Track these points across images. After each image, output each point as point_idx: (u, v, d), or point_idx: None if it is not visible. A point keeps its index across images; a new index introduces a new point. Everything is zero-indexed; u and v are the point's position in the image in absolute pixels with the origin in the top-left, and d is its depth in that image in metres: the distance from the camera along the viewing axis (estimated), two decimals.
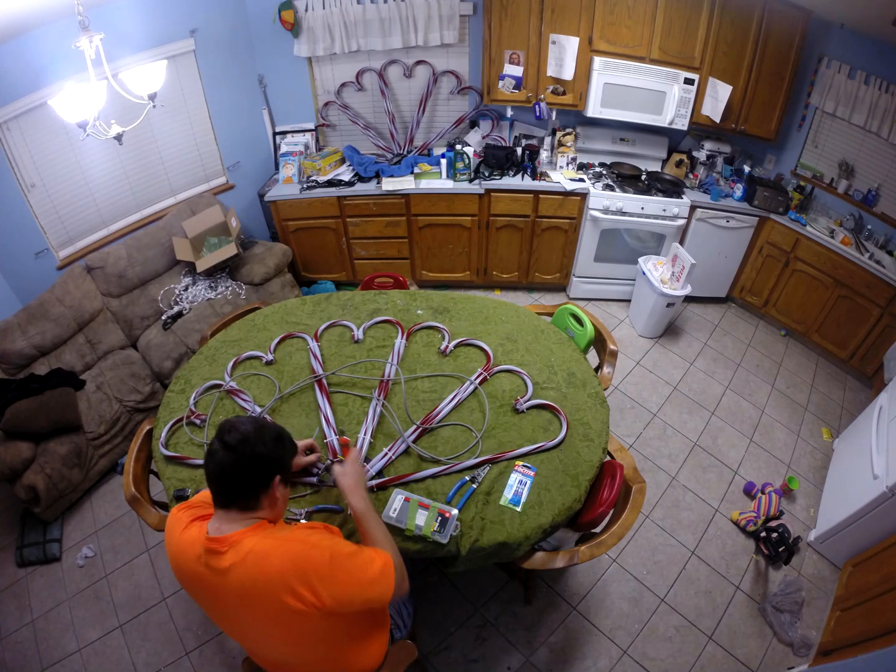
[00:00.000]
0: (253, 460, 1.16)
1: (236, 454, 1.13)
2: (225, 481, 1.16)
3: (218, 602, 1.22)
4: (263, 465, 1.18)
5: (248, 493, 1.17)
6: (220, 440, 1.15)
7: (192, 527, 1.21)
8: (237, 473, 1.15)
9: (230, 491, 1.16)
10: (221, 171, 3.91)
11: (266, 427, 1.22)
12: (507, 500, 1.67)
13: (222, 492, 1.17)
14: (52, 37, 2.65)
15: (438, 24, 3.50)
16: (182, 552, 1.19)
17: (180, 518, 1.24)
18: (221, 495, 1.17)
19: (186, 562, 1.18)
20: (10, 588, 2.48)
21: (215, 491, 1.18)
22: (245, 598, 1.15)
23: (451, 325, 2.33)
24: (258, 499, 1.18)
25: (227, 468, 1.14)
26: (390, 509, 1.59)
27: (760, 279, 3.83)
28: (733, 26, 3.21)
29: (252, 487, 1.17)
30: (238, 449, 1.13)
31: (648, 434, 3.11)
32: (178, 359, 3.07)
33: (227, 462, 1.13)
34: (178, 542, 1.21)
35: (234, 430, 1.15)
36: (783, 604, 2.29)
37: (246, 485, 1.17)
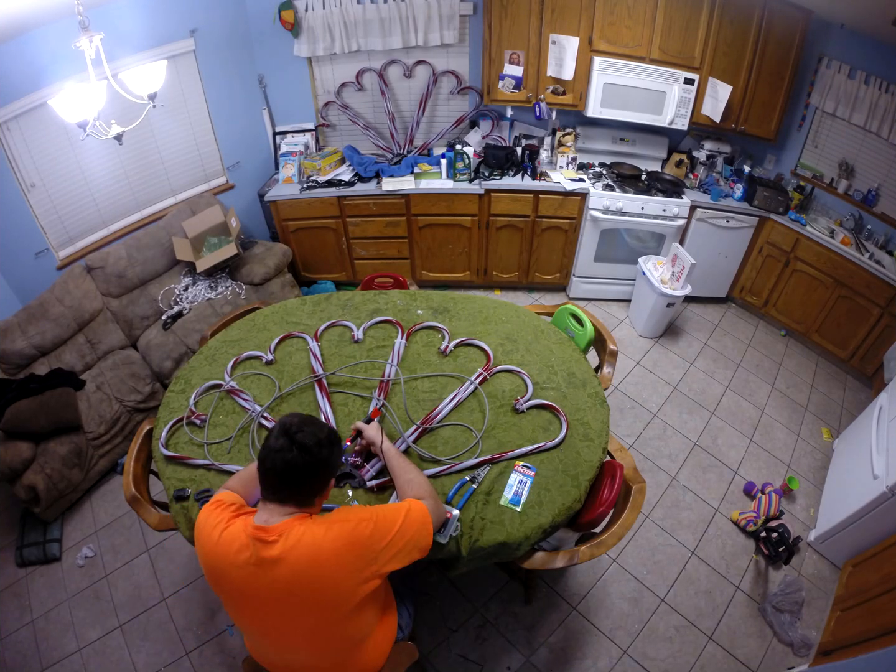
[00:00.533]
0: (323, 465, 1.20)
1: (310, 457, 1.16)
2: (292, 480, 1.18)
3: (256, 597, 1.21)
4: (329, 470, 1.24)
5: (309, 493, 1.22)
6: (291, 439, 1.16)
7: (235, 523, 1.21)
8: (307, 475, 1.18)
9: (294, 489, 1.19)
10: (221, 171, 3.91)
11: (330, 431, 1.25)
12: (507, 500, 1.67)
13: (284, 488, 1.19)
14: (52, 37, 2.65)
15: (438, 24, 3.50)
16: (222, 549, 1.19)
17: (220, 516, 1.24)
18: (282, 491, 1.19)
19: (227, 556, 1.18)
20: (10, 588, 2.48)
21: (275, 486, 1.19)
22: (294, 587, 1.16)
23: (451, 325, 2.33)
24: (314, 498, 1.23)
25: (301, 469, 1.16)
26: None
27: (760, 279, 3.83)
28: (733, 26, 3.21)
29: (315, 488, 1.22)
30: (313, 452, 1.16)
31: (648, 434, 3.11)
32: (178, 359, 3.07)
33: (300, 463, 1.16)
34: (217, 539, 1.20)
35: (306, 430, 1.18)
36: (783, 604, 2.29)
37: (311, 486, 1.21)
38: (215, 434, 1.88)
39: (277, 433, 1.18)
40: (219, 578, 1.23)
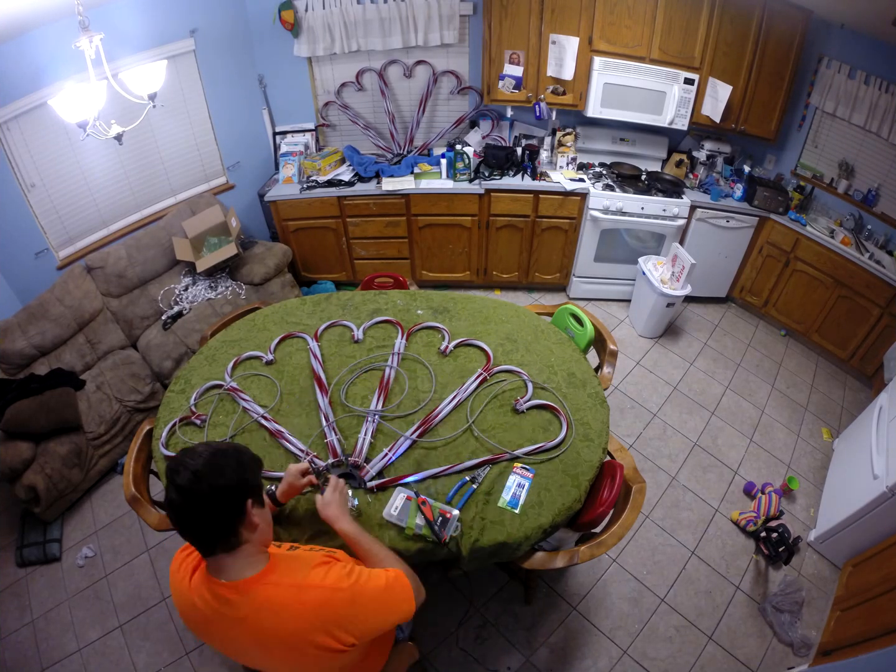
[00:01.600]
0: (213, 496, 1.01)
1: (192, 495, 0.99)
2: (193, 528, 1.03)
3: (234, 643, 1.15)
4: (227, 497, 1.03)
5: (222, 532, 1.04)
6: (172, 483, 1.00)
7: (198, 574, 1.13)
8: (200, 515, 1.01)
9: (203, 536, 1.04)
10: (221, 171, 3.92)
11: (220, 453, 1.06)
12: (506, 502, 1.67)
13: (196, 540, 1.05)
14: (52, 37, 2.65)
15: (438, 24, 3.50)
16: (190, 601, 1.12)
17: (186, 563, 1.16)
18: (199, 544, 1.06)
19: (199, 610, 1.10)
20: (10, 588, 2.48)
21: (190, 540, 1.05)
22: (264, 644, 1.09)
23: (451, 325, 2.33)
24: (237, 532, 1.05)
25: (189, 513, 1.01)
26: (391, 507, 1.59)
27: (760, 279, 3.83)
28: (733, 26, 3.21)
29: (224, 524, 1.04)
30: (193, 489, 0.99)
31: (648, 434, 3.11)
32: (178, 359, 3.07)
33: (184, 507, 1.00)
34: (186, 590, 1.13)
35: (181, 468, 1.00)
36: (783, 604, 2.29)
37: (216, 524, 1.03)
38: (215, 434, 1.88)
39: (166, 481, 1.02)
40: (195, 630, 1.19)
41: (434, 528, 1.51)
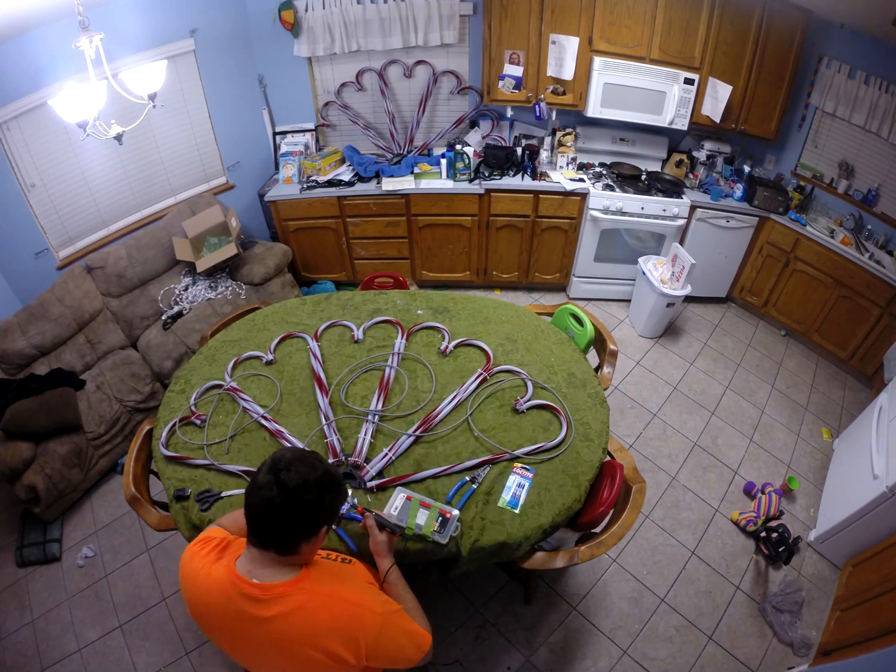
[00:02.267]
0: (308, 508, 1.05)
1: (291, 498, 1.02)
2: (271, 522, 1.05)
3: (245, 646, 1.14)
4: (316, 515, 1.08)
5: (293, 540, 1.07)
6: (276, 476, 1.03)
7: (218, 566, 1.12)
8: (287, 518, 1.04)
9: (273, 533, 1.06)
10: (221, 171, 3.91)
11: (325, 472, 1.09)
12: (506, 502, 1.67)
13: (263, 531, 1.07)
14: (52, 37, 2.65)
15: (438, 24, 3.49)
16: (209, 594, 1.11)
17: (203, 558, 1.15)
18: (261, 535, 1.07)
19: (215, 604, 1.10)
20: (10, 588, 2.48)
21: (255, 527, 1.07)
22: (281, 647, 1.09)
23: (451, 325, 2.33)
24: (299, 546, 1.08)
25: (279, 510, 1.03)
26: (391, 507, 1.59)
27: (760, 279, 3.83)
28: (733, 26, 3.21)
29: (298, 534, 1.07)
30: (296, 493, 1.03)
31: (648, 434, 3.11)
32: (178, 359, 3.07)
33: (279, 503, 1.02)
34: (203, 584, 1.12)
35: (293, 468, 1.04)
36: (783, 604, 2.29)
37: (293, 531, 1.06)
38: (215, 434, 1.88)
39: (266, 468, 1.06)
40: (204, 624, 1.17)
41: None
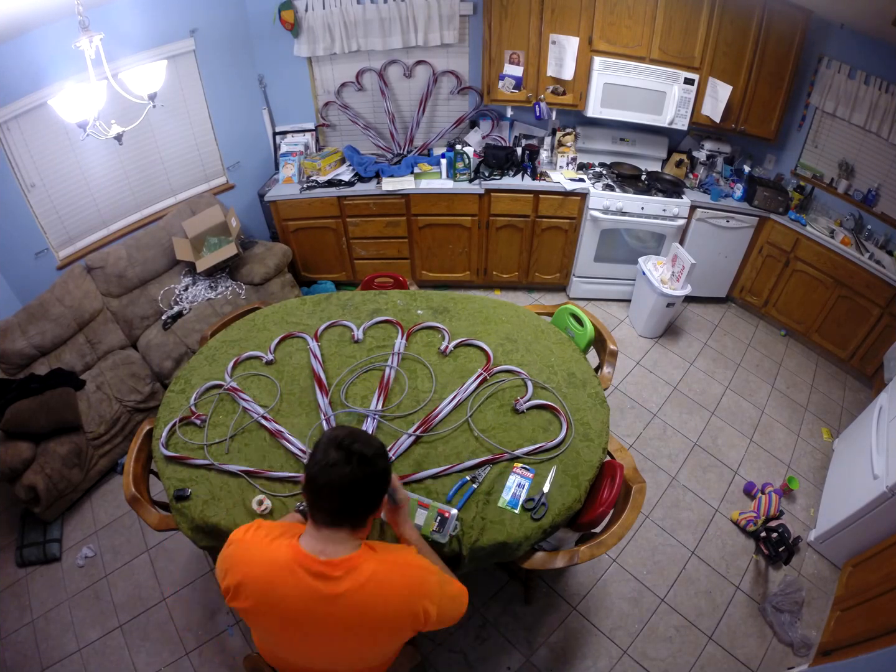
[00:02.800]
0: (383, 476, 1.10)
1: (371, 468, 1.05)
2: (352, 497, 1.06)
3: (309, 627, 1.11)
4: (383, 486, 1.12)
5: (366, 511, 1.10)
6: (348, 450, 1.03)
7: (278, 546, 1.10)
8: (370, 489, 1.07)
9: (353, 508, 1.07)
10: (221, 171, 3.91)
11: (379, 441, 1.14)
12: (506, 502, 1.67)
13: (343, 508, 1.07)
14: (52, 37, 2.65)
15: (438, 24, 3.49)
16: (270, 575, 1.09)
17: (258, 538, 1.14)
18: (340, 512, 1.07)
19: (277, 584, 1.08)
20: (10, 588, 2.48)
21: (332, 506, 1.06)
22: (352, 622, 1.09)
23: (451, 325, 2.33)
24: (368, 518, 1.12)
25: (362, 482, 1.04)
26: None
27: (760, 279, 3.83)
28: (733, 26, 3.21)
29: (373, 505, 1.11)
30: (373, 462, 1.05)
31: (648, 434, 3.11)
32: (178, 359, 3.07)
33: (361, 476, 1.03)
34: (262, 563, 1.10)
35: (359, 441, 1.06)
36: (783, 604, 2.29)
37: (371, 502, 1.10)
38: (215, 434, 1.88)
39: (327, 446, 1.05)
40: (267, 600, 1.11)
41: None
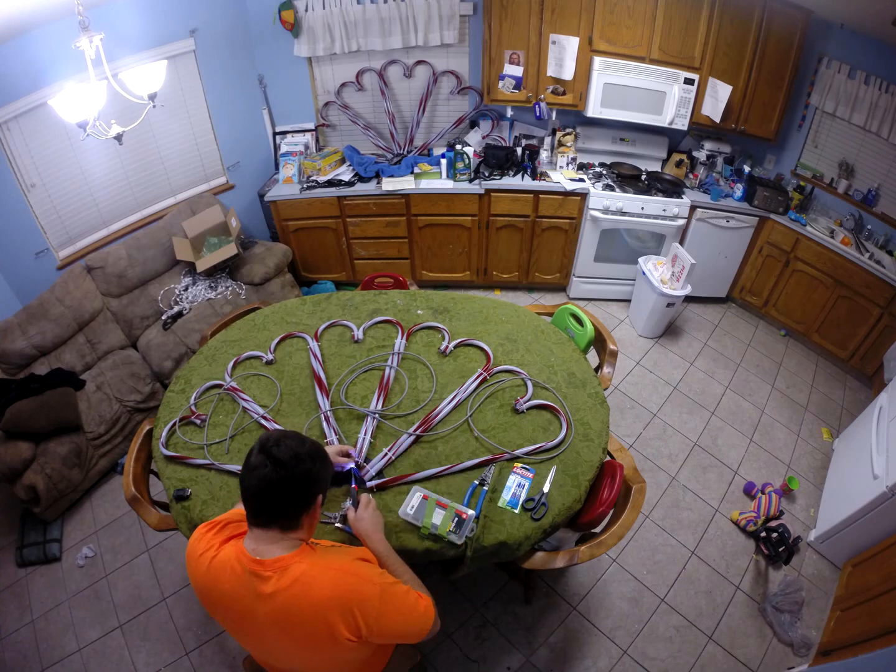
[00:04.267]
0: (303, 479, 1.10)
1: (287, 471, 1.06)
2: (270, 499, 1.08)
3: (250, 625, 1.16)
4: (312, 484, 1.12)
5: (293, 513, 1.11)
6: (268, 454, 1.06)
7: (227, 547, 1.15)
8: (286, 492, 1.08)
9: (274, 509, 1.10)
10: (221, 171, 3.91)
11: (312, 443, 1.15)
12: (506, 502, 1.67)
13: (264, 510, 1.10)
14: (52, 37, 2.65)
15: (438, 24, 3.49)
16: (215, 575, 1.13)
17: (210, 540, 1.18)
18: (262, 514, 1.10)
19: (221, 584, 1.13)
20: (10, 588, 2.48)
21: (255, 508, 1.10)
22: (282, 623, 1.11)
23: (451, 325, 2.33)
24: (300, 518, 1.13)
25: (276, 485, 1.07)
26: (408, 506, 1.60)
27: (760, 279, 3.83)
28: (733, 26, 3.21)
29: (298, 507, 1.12)
30: (290, 465, 1.07)
31: (648, 434, 3.11)
32: (178, 359, 3.07)
33: (275, 479, 1.06)
34: (209, 565, 1.14)
35: (282, 444, 1.08)
36: (783, 604, 2.29)
37: (293, 504, 1.11)
38: (215, 434, 1.88)
39: (256, 450, 1.09)
40: (211, 605, 1.19)
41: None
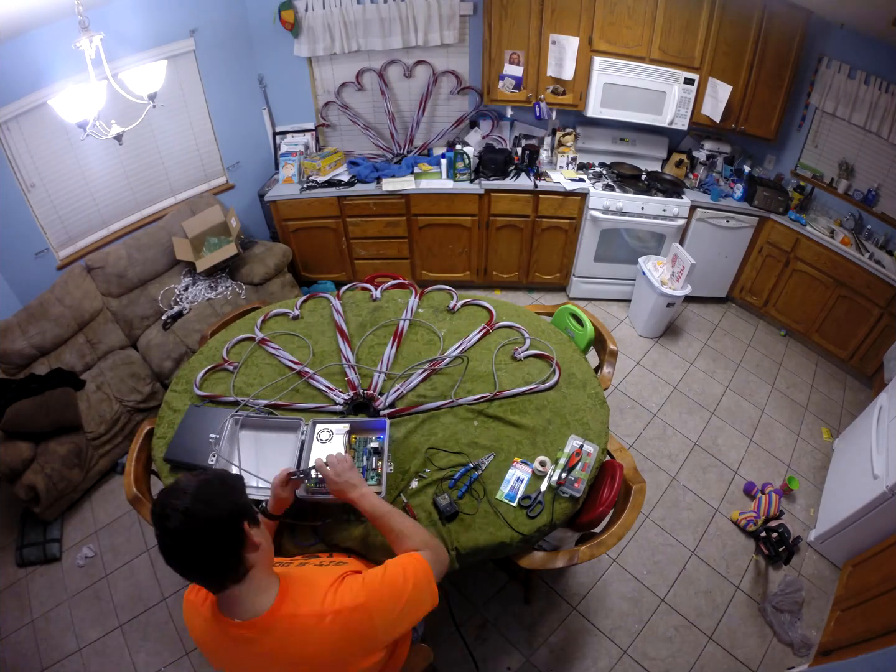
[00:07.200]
0: (210, 531, 0.96)
1: (188, 536, 0.94)
2: (197, 567, 0.98)
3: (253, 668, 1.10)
4: (224, 527, 0.98)
5: (228, 563, 0.99)
6: (165, 531, 0.94)
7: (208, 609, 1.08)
8: (202, 553, 0.96)
9: (210, 573, 0.99)
10: (221, 171, 3.91)
11: (205, 483, 1.00)
12: (504, 494, 1.68)
13: (204, 579, 1.01)
14: (52, 37, 2.65)
15: (438, 24, 3.49)
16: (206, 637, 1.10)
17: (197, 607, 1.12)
18: (206, 582, 1.02)
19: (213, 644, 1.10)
20: (10, 588, 2.48)
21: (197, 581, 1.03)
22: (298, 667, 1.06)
23: (450, 325, 2.34)
24: (242, 558, 1.00)
25: (189, 555, 0.96)
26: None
27: (760, 279, 3.83)
28: (733, 26, 3.21)
29: (228, 555, 0.99)
30: (188, 530, 0.94)
31: (648, 434, 3.11)
32: (178, 359, 3.07)
33: (183, 550, 0.95)
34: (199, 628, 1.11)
35: (170, 511, 0.94)
36: (783, 604, 2.29)
37: (220, 557, 0.98)
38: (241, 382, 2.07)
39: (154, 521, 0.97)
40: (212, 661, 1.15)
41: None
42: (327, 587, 1.08)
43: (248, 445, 1.74)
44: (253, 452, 1.72)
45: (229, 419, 1.75)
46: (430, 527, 1.57)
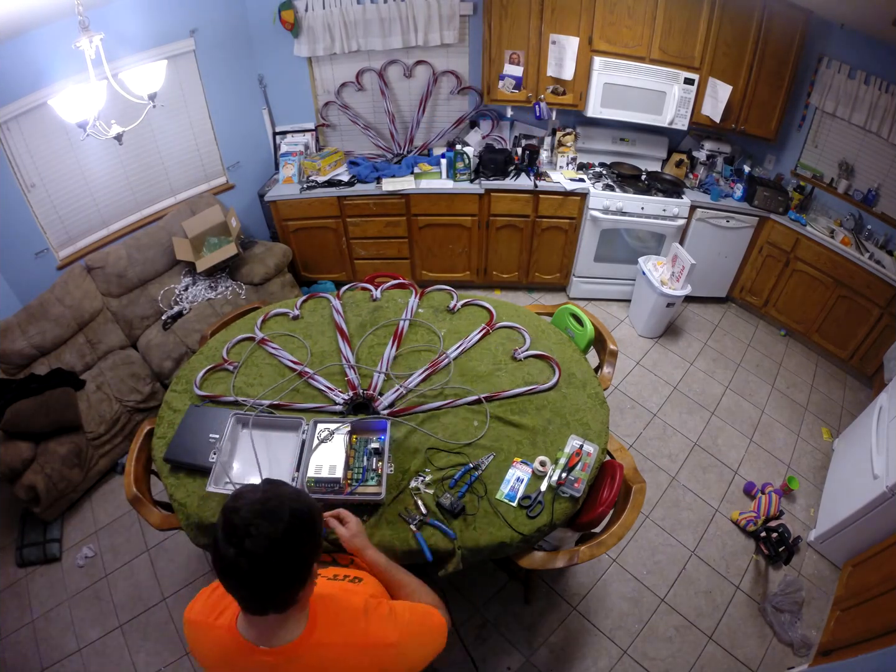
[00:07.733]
0: (291, 564, 0.90)
1: (266, 567, 0.87)
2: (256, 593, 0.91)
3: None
4: (301, 567, 0.93)
5: (287, 598, 0.93)
6: (240, 547, 0.86)
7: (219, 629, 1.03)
8: (272, 583, 0.89)
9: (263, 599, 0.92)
10: (221, 171, 3.91)
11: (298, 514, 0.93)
12: (504, 494, 1.68)
13: (251, 603, 0.93)
14: (52, 37, 2.65)
15: (438, 24, 3.49)
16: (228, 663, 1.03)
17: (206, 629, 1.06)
18: (250, 606, 0.94)
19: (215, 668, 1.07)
20: (10, 588, 2.48)
21: (241, 598, 0.93)
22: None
23: (450, 325, 2.35)
24: (296, 595, 0.94)
25: (259, 581, 0.88)
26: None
27: (760, 279, 3.83)
28: (733, 26, 3.21)
29: (290, 590, 0.93)
30: (268, 561, 0.87)
31: (648, 434, 3.11)
32: (178, 359, 3.07)
33: (258, 575, 0.87)
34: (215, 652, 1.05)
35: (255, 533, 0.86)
36: (783, 604, 2.30)
37: (285, 590, 0.92)
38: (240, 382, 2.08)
39: (224, 535, 0.88)
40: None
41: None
42: (357, 616, 1.05)
43: (249, 445, 1.74)
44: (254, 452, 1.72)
45: (231, 419, 1.75)
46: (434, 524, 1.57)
